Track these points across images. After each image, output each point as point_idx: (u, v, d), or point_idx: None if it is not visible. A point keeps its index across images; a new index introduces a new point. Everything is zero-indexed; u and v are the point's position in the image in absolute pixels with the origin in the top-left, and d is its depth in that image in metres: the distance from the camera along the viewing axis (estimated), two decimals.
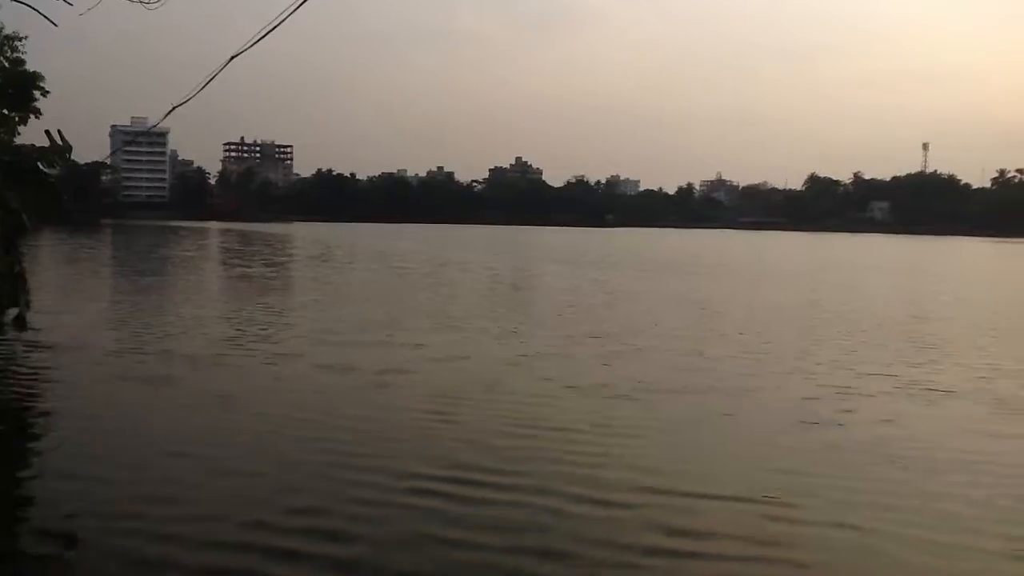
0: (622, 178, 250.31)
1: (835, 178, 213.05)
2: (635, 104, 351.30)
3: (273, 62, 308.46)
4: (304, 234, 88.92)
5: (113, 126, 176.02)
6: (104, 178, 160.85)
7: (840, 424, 10.32)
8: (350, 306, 22.84)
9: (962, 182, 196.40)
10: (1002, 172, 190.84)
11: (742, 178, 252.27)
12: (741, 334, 18.26)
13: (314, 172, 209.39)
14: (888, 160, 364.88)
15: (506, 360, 14.44)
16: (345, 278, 34.73)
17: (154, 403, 11.07)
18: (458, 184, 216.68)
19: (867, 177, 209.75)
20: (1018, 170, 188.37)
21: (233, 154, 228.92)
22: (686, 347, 16.25)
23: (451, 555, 6.32)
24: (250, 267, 40.49)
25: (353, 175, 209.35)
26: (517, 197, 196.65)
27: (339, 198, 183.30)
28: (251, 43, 9.27)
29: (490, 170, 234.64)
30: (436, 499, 7.41)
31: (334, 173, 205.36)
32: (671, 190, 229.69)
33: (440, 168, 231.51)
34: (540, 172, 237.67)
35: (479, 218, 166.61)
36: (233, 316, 20.23)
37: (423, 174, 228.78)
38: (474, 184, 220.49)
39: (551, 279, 36.96)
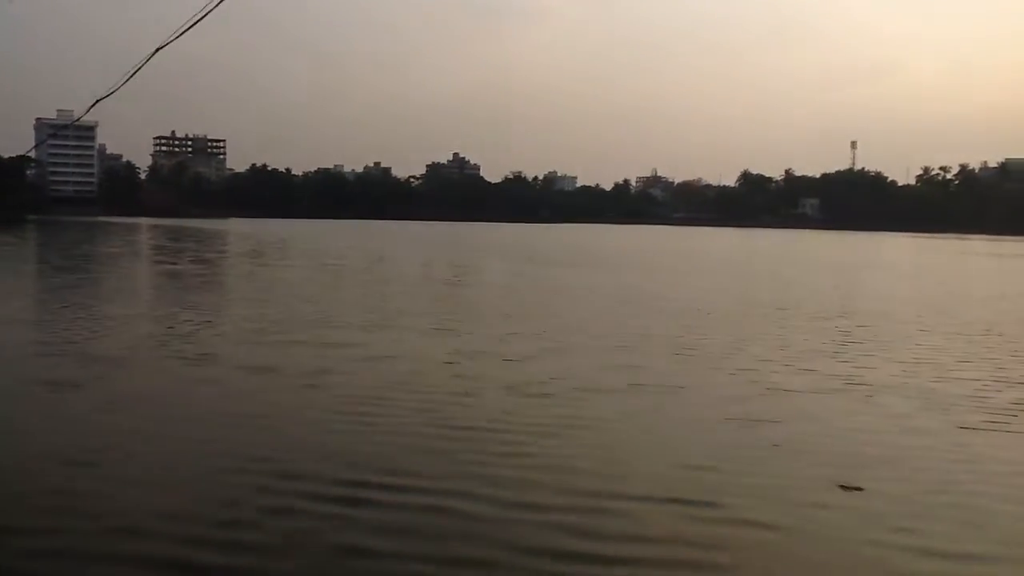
0: (560, 174, 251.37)
1: (767, 175, 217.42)
2: (573, 100, 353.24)
3: (206, 54, 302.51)
4: (238, 230, 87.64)
5: (38, 119, 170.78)
6: (29, 172, 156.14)
7: (767, 421, 10.26)
8: (280, 304, 22.62)
9: (888, 179, 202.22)
10: (926, 170, 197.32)
11: (677, 174, 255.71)
12: (672, 330, 18.28)
13: (248, 167, 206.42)
14: (818, 157, 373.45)
15: (437, 359, 14.24)
16: (276, 275, 34.38)
17: (62, 408, 10.58)
18: (395, 180, 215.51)
19: (798, 174, 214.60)
20: (941, 168, 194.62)
21: (164, 148, 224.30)
22: (617, 344, 16.23)
23: (373, 567, 6.10)
24: (178, 264, 39.79)
25: (289, 170, 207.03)
26: (455, 193, 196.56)
27: (274, 193, 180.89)
28: (176, 35, 9.16)
29: (427, 166, 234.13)
30: (358, 507, 7.15)
31: (269, 168, 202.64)
32: (608, 186, 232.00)
33: (377, 164, 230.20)
34: (478, 168, 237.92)
35: (417, 214, 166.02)
36: (157, 315, 19.86)
37: (360, 169, 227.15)
38: (411, 180, 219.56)
39: (487, 275, 37.15)
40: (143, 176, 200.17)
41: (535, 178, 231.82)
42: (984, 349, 16.67)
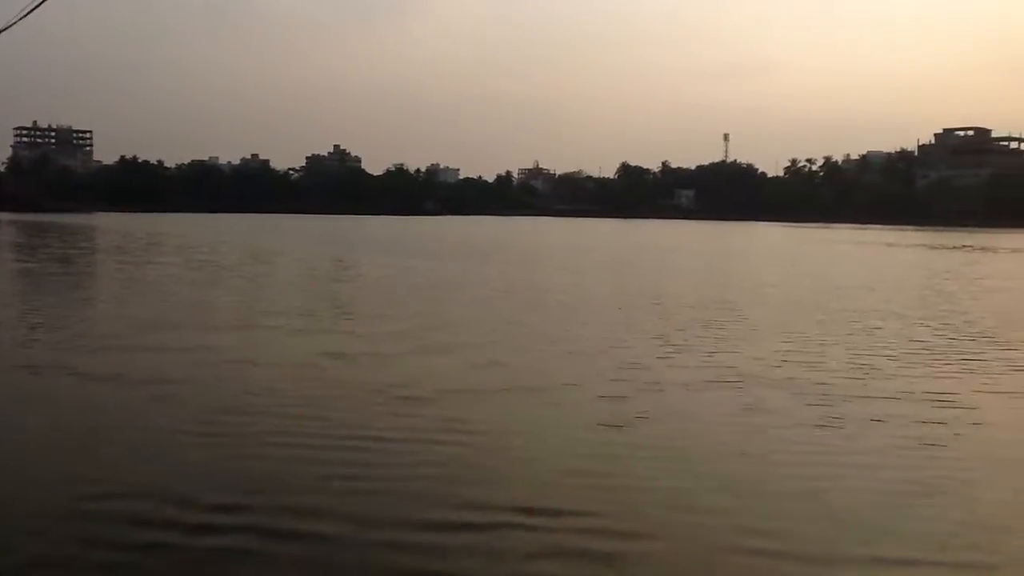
0: (442, 166, 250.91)
1: (645, 167, 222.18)
2: (454, 92, 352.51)
3: (66, 42, 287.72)
4: (105, 225, 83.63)
5: None
6: None
7: (642, 420, 10.12)
8: (138, 304, 21.52)
9: (759, 171, 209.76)
10: (794, 162, 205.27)
11: (558, 166, 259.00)
12: (551, 325, 18.12)
13: (117, 159, 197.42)
14: (693, 150, 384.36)
15: (302, 361, 13.58)
16: (140, 273, 32.82)
17: None
18: (274, 172, 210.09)
19: (674, 166, 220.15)
20: (808, 160, 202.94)
21: (25, 139, 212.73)
22: (495, 340, 15.92)
23: None
24: (31, 262, 37.60)
25: (161, 162, 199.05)
26: (336, 185, 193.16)
27: (146, 186, 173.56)
28: (19, 17, 8.51)
29: (307, 158, 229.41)
30: (195, 535, 6.53)
31: (140, 160, 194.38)
32: (490, 178, 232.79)
33: (255, 155, 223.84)
34: (359, 160, 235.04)
35: (297, 207, 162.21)
36: None
37: (236, 161, 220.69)
38: (291, 172, 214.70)
39: (366, 270, 36.45)
40: (2, 169, 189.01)
41: (417, 170, 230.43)
42: (858, 338, 16.97)
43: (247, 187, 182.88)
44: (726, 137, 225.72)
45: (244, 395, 11.22)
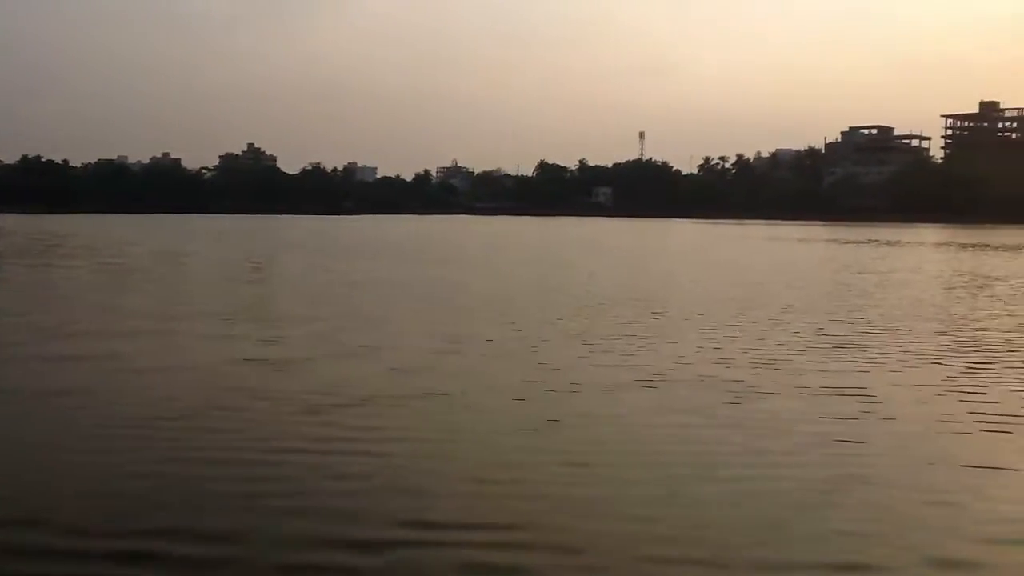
0: (360, 165, 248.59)
1: (563, 165, 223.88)
2: (371, 90, 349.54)
3: None
4: (6, 227, 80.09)
5: None
6: None
7: (561, 423, 9.94)
8: (39, 311, 20.53)
9: (674, 168, 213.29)
10: (707, 159, 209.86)
11: (477, 164, 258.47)
12: (472, 325, 17.83)
13: (19, 158, 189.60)
14: (610, 148, 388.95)
15: (213, 369, 13.01)
16: (40, 277, 31.45)
17: None
18: (186, 172, 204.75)
19: (592, 164, 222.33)
20: (720, 158, 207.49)
21: None
22: (413, 343, 15.53)
23: None
24: None
25: (66, 161, 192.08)
26: (250, 185, 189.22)
27: (50, 186, 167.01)
28: None
29: (221, 157, 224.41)
30: (100, 564, 6.05)
31: (43, 159, 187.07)
32: (409, 177, 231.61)
33: (166, 154, 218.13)
34: (274, 159, 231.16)
35: (211, 207, 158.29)
36: None
37: (146, 160, 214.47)
38: (204, 171, 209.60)
39: (282, 271, 35.66)
40: None
41: (335, 169, 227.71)
42: (773, 334, 17.07)
43: (158, 187, 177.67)
44: (642, 135, 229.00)
45: (146, 406, 10.61)
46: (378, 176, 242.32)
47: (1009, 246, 63.21)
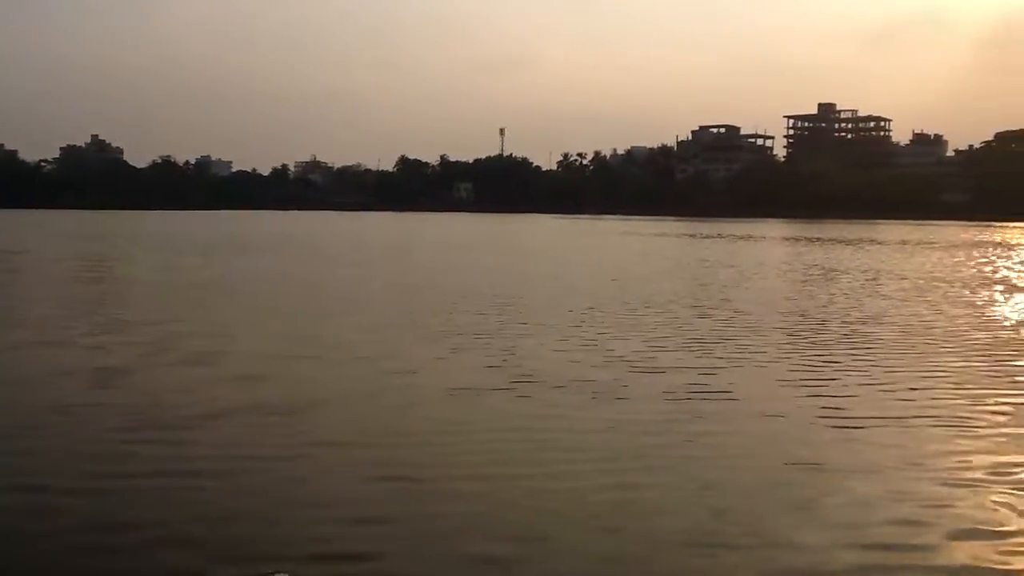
0: (213, 158, 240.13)
1: (424, 160, 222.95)
2: (225, 80, 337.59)
3: None
4: None
5: None
6: None
7: (414, 437, 9.51)
8: None
9: (533, 164, 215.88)
10: (565, 155, 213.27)
11: (336, 159, 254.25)
12: (329, 328, 17.11)
13: None
14: (471, 143, 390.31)
15: (31, 383, 11.83)
16: None
17: None
18: (23, 164, 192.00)
19: (452, 159, 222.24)
20: (578, 154, 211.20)
21: None
22: (259, 349, 14.62)
23: None
24: None
25: None
26: (95, 178, 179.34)
27: None
28: None
29: (62, 149, 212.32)
30: None
31: None
32: (265, 171, 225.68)
33: (0, 145, 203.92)
34: (121, 151, 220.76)
35: (52, 201, 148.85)
36: None
37: None
38: (43, 164, 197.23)
39: (124, 270, 33.50)
40: None
41: (186, 162, 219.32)
42: (635, 331, 17.07)
43: None
44: (502, 131, 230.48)
45: None
46: (233, 170, 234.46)
47: (850, 240, 66.76)
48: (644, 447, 8.96)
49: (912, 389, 11.88)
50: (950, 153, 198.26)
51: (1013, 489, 7.64)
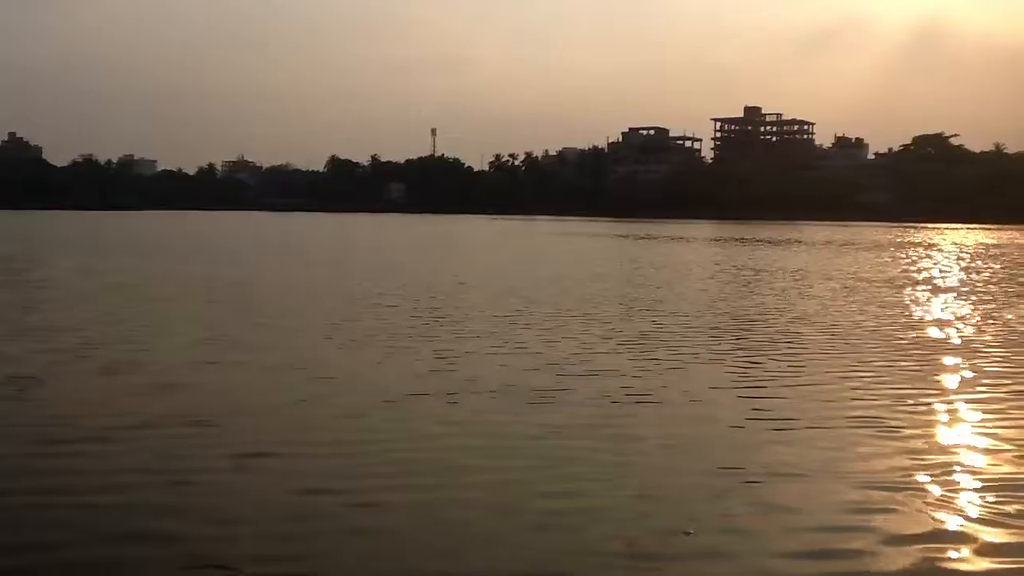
0: (137, 157, 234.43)
1: (355, 160, 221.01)
2: (149, 77, 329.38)
3: None
4: None
5: None
6: None
7: (348, 447, 9.18)
8: None
9: (465, 165, 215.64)
10: (498, 156, 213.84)
11: (266, 159, 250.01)
12: (241, 331, 16.52)
13: None
14: (403, 144, 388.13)
15: None
16: None
17: None
18: None
19: (384, 160, 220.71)
20: (510, 155, 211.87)
21: None
22: (177, 356, 14.04)
23: None
24: None
25: None
26: (12, 178, 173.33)
27: None
28: None
29: None
30: None
31: None
32: (192, 171, 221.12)
33: None
34: (40, 150, 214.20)
35: None
36: None
37: None
38: None
39: (38, 272, 32.21)
40: None
41: (108, 161, 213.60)
42: (567, 332, 16.83)
43: None
44: (434, 132, 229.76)
45: None
46: (159, 169, 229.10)
47: (777, 241, 68.03)
48: (576, 454, 8.77)
49: (842, 391, 11.94)
50: (870, 156, 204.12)
51: (942, 492, 7.64)
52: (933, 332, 18.24)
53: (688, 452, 8.94)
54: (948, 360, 14.74)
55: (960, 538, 6.60)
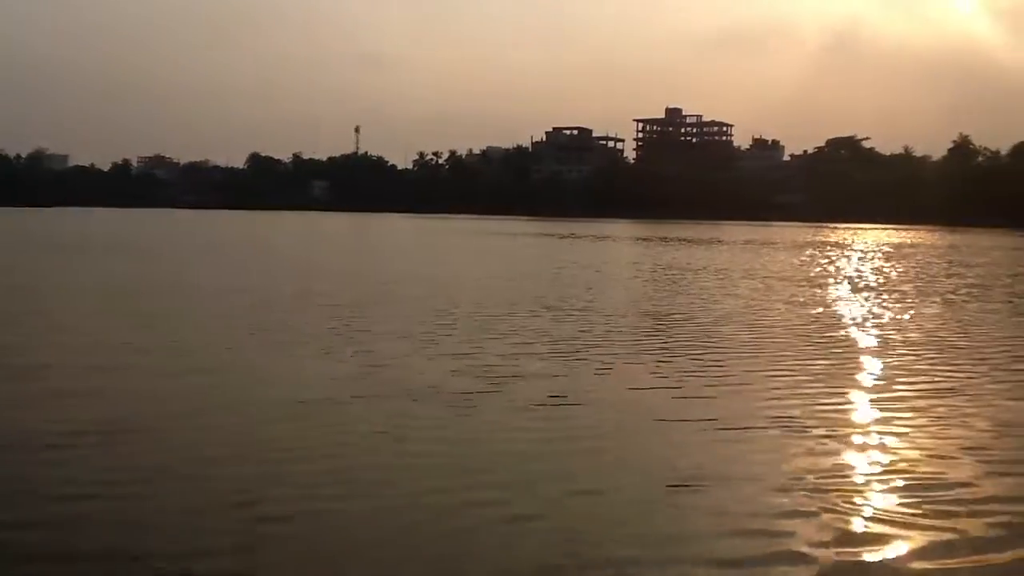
0: (47, 152, 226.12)
1: (276, 157, 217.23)
2: (60, 67, 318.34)
3: None
4: None
5: None
6: None
7: (286, 453, 8.90)
8: None
9: (389, 163, 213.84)
10: (421, 155, 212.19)
11: (183, 155, 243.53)
12: (157, 333, 15.82)
13: None
14: (326, 141, 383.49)
15: None
16: None
17: None
18: None
19: (306, 157, 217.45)
20: (434, 153, 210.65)
21: None
22: (77, 361, 13.42)
23: None
24: None
25: None
26: None
27: None
28: None
29: None
30: None
31: None
32: (105, 166, 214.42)
33: None
34: None
35: None
36: None
37: None
38: None
39: None
40: None
41: (17, 156, 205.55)
42: (493, 333, 16.66)
43: None
44: (357, 129, 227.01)
45: None
46: (70, 165, 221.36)
47: (699, 240, 69.13)
48: (499, 461, 8.64)
49: (763, 391, 12.05)
50: (786, 158, 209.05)
51: (857, 494, 7.74)
52: (850, 330, 18.66)
53: (607, 456, 8.87)
54: (864, 358, 15.07)
55: (876, 540, 6.66)
